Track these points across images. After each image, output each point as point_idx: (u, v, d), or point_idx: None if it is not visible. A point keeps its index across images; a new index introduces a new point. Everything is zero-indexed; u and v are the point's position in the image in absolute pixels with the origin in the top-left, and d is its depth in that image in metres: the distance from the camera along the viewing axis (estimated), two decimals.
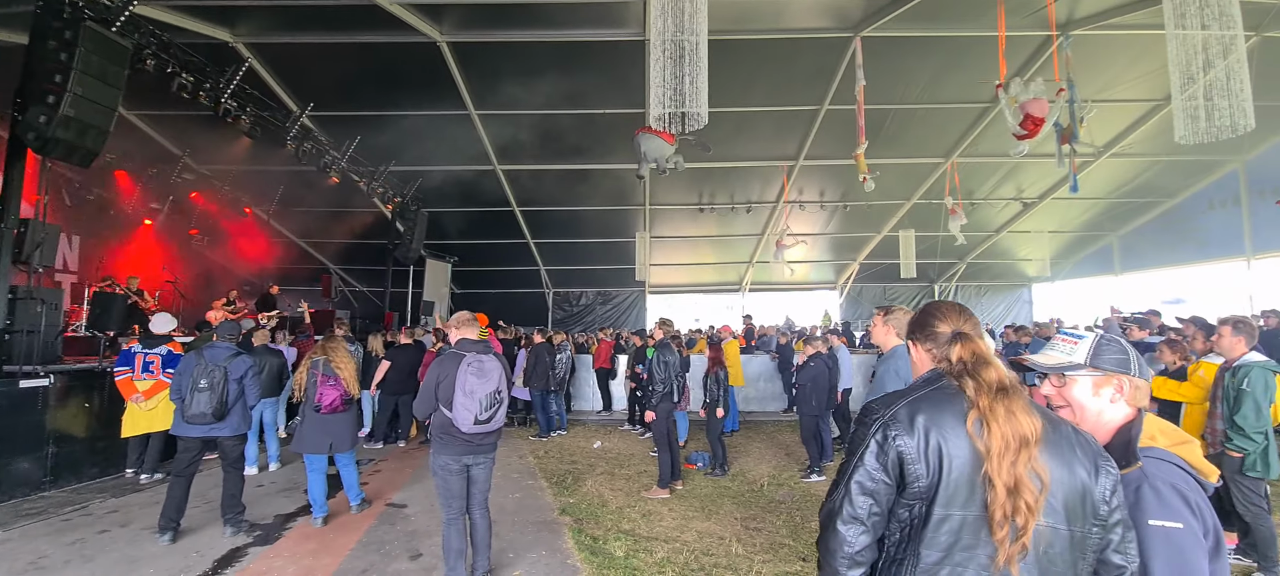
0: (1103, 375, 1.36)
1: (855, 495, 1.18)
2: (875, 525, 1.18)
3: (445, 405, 3.24)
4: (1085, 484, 1.13)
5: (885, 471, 1.17)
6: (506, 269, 15.68)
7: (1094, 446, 1.19)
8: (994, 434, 1.10)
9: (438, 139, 10.31)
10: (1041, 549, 1.10)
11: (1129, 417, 1.36)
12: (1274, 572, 3.48)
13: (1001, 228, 14.18)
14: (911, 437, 1.16)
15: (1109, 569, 1.16)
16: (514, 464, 6.62)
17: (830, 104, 9.47)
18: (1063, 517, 1.12)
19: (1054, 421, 1.20)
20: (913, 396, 1.22)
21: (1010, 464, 1.08)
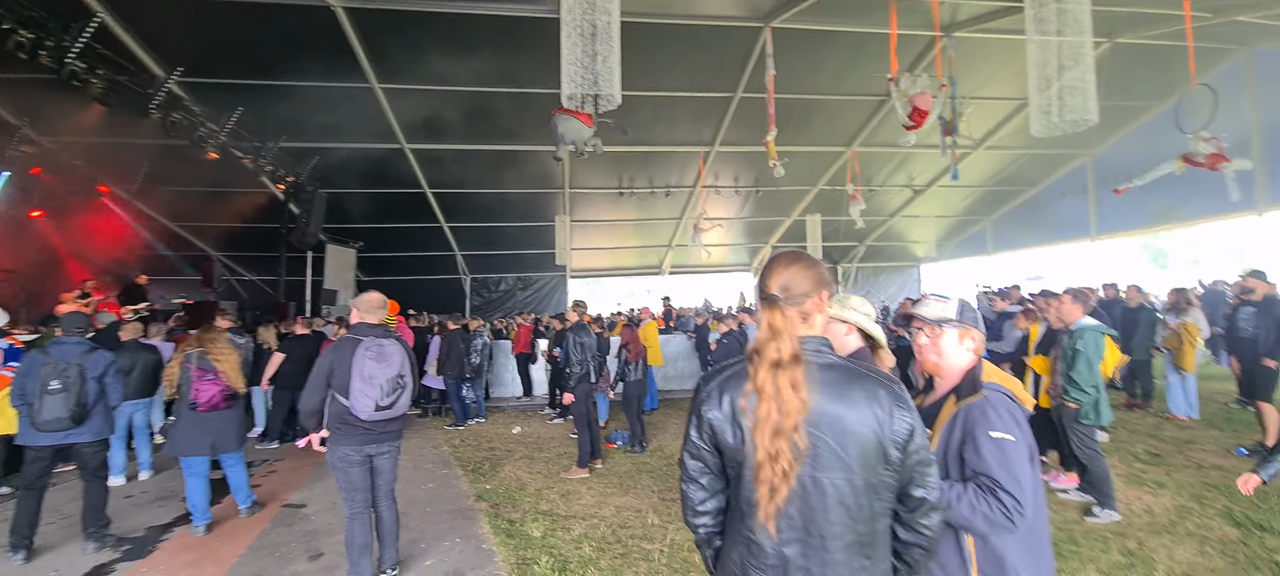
0: (964, 328, 1.74)
1: (687, 461, 1.35)
2: (709, 483, 1.35)
3: (341, 393, 3.05)
4: (878, 433, 1.22)
5: (703, 439, 1.32)
6: (419, 254, 14.93)
7: (895, 397, 1.26)
8: (760, 407, 1.22)
9: (337, 114, 9.55)
10: (827, 496, 1.21)
11: (974, 361, 1.72)
12: (1109, 506, 4.08)
13: (895, 212, 15.38)
14: (719, 409, 1.29)
15: (911, 500, 1.28)
16: (428, 454, 6.38)
17: (743, 91, 9.78)
18: (855, 469, 1.22)
19: (853, 382, 1.27)
20: (727, 371, 1.34)
21: (770, 435, 1.20)
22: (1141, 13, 8.24)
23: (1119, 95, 10.10)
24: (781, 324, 1.28)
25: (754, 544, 1.26)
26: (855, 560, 1.24)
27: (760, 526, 1.24)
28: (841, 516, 1.22)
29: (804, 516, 1.23)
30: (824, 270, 1.39)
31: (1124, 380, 7.39)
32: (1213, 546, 3.55)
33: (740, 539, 1.30)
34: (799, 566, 1.23)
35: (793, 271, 1.34)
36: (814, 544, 1.23)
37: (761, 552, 1.26)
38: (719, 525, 1.39)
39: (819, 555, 1.23)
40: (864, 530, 1.24)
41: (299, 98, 9.05)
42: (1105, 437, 5.69)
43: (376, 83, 8.76)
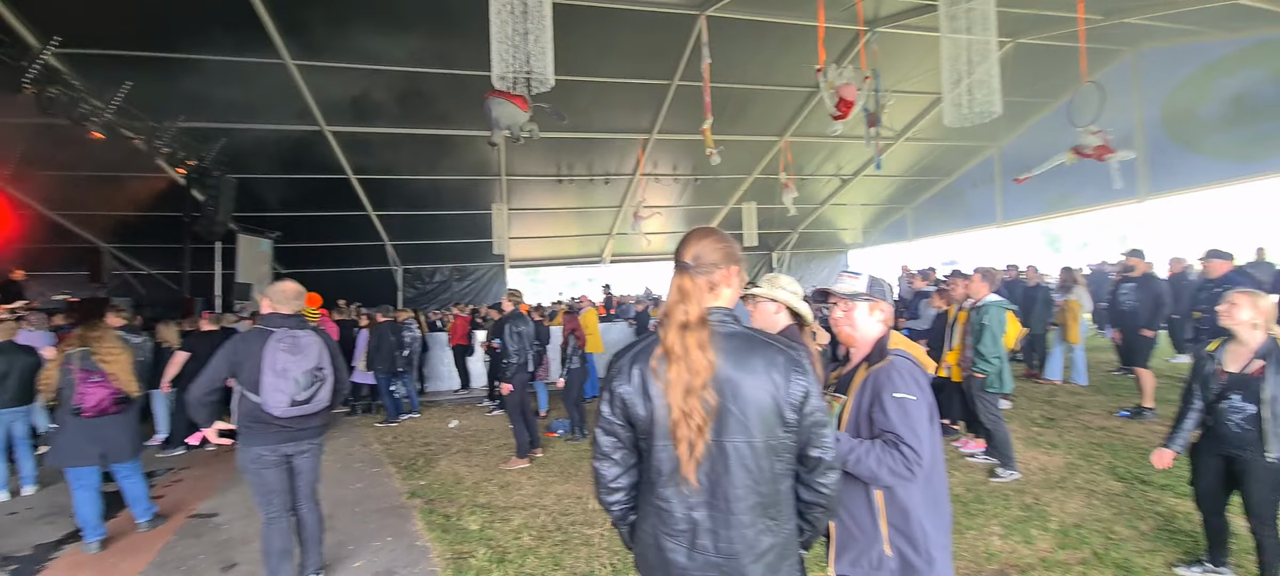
0: (873, 300, 1.86)
1: (600, 437, 1.39)
2: (622, 459, 1.38)
3: (251, 389, 2.83)
4: (775, 397, 1.27)
5: (616, 414, 1.35)
6: (345, 245, 14.12)
7: (792, 362, 1.31)
8: (672, 368, 1.26)
9: (246, 91, 8.81)
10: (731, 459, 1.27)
11: (883, 331, 1.86)
12: (1010, 466, 4.45)
13: (825, 200, 16.05)
14: (629, 383, 1.33)
15: (810, 461, 1.34)
16: (356, 453, 6.08)
17: (680, 79, 9.84)
18: (755, 432, 1.27)
19: (754, 348, 1.31)
20: (637, 347, 1.38)
21: (682, 393, 1.25)
22: (1041, 15, 8.95)
23: (1021, 92, 10.95)
24: (691, 288, 1.34)
25: (665, 511, 1.31)
26: (759, 521, 1.30)
27: (672, 492, 1.29)
28: (744, 479, 1.28)
29: (711, 480, 1.28)
30: (734, 246, 1.45)
31: (1023, 352, 8.08)
32: (1099, 498, 3.96)
33: (651, 509, 1.34)
34: (707, 529, 1.28)
35: (705, 244, 1.40)
36: (720, 507, 1.28)
37: (671, 518, 1.30)
38: (632, 501, 1.43)
39: (725, 517, 1.28)
40: (766, 491, 1.30)
41: (201, 73, 8.28)
42: (1008, 405, 6.22)
43: (289, 59, 8.15)
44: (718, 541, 1.28)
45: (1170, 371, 7.70)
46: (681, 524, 1.30)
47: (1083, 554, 3.24)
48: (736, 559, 1.28)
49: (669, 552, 1.31)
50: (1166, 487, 3.97)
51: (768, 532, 1.31)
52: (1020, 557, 3.24)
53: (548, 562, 3.46)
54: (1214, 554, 2.93)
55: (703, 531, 1.29)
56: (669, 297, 1.35)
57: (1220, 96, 10.34)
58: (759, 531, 1.30)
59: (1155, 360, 6.24)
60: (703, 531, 1.29)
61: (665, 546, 1.32)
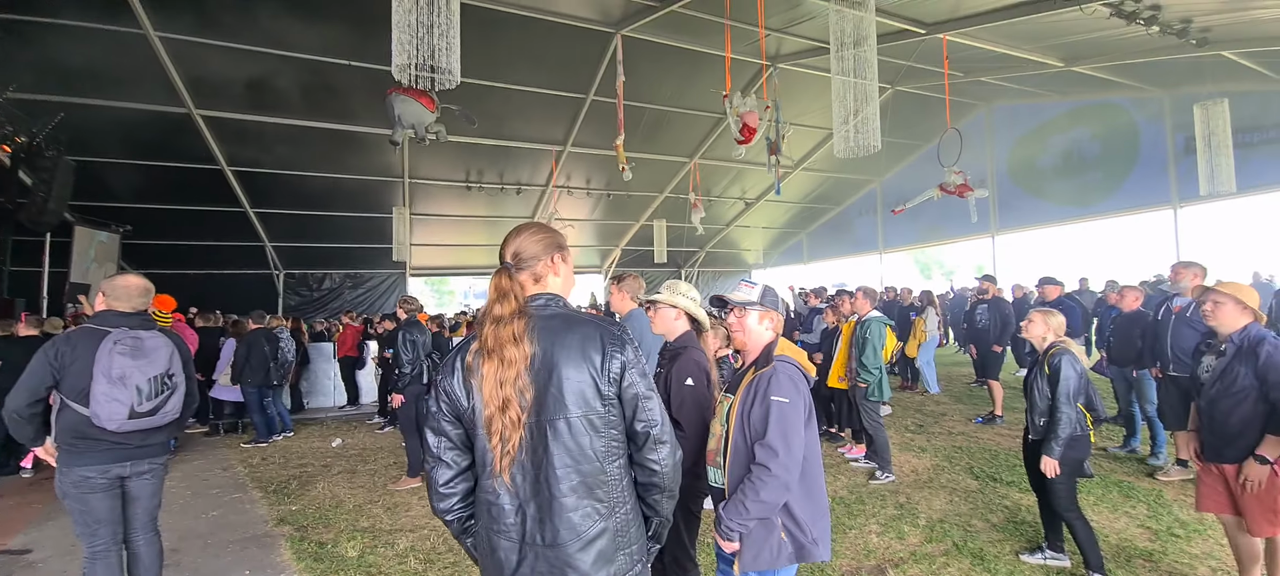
0: (764, 310, 1.99)
1: (429, 438, 1.34)
2: (453, 459, 1.33)
3: (75, 398, 2.39)
4: (593, 374, 1.29)
5: (443, 410, 1.32)
6: (214, 245, 12.61)
7: (611, 337, 1.33)
8: (487, 363, 1.26)
9: (95, 63, 7.68)
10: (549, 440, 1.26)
11: (772, 338, 1.98)
12: (887, 470, 4.83)
13: (731, 222, 16.85)
14: (452, 376, 1.32)
15: (637, 437, 1.35)
16: (214, 477, 5.37)
17: (595, 94, 9.92)
18: (572, 409, 1.27)
19: (573, 328, 1.33)
20: (463, 344, 1.37)
21: (495, 386, 1.24)
22: (915, 67, 10.08)
23: (899, 133, 12.24)
24: (507, 286, 1.33)
25: (495, 507, 1.28)
26: (584, 504, 1.27)
27: (499, 483, 1.27)
28: (563, 458, 1.27)
29: (533, 465, 1.27)
30: (558, 236, 1.46)
31: (898, 366, 8.90)
32: (959, 495, 4.41)
33: (483, 509, 1.32)
34: (535, 519, 1.27)
35: (523, 238, 1.41)
36: (543, 492, 1.27)
37: (502, 514, 1.28)
38: (469, 509, 1.37)
39: (550, 504, 1.26)
40: (588, 469, 1.28)
41: (37, 35, 7.10)
42: (888, 411, 6.80)
43: (151, 29, 7.22)
44: (544, 530, 1.26)
45: (1015, 383, 8.84)
46: (511, 517, 1.27)
47: (945, 546, 3.57)
48: (563, 547, 1.25)
49: (502, 552, 1.28)
50: (1012, 485, 4.51)
51: (595, 517, 1.28)
52: (894, 552, 3.51)
53: None
54: (1051, 540, 3.35)
55: (531, 522, 1.27)
56: (488, 298, 1.34)
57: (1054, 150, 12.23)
58: (584, 515, 1.27)
59: (1003, 373, 7.11)
60: (531, 522, 1.27)
61: (498, 546, 1.28)
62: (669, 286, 2.61)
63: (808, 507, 1.83)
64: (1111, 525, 3.76)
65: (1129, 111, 11.12)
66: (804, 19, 8.51)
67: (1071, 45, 9.03)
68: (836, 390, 5.66)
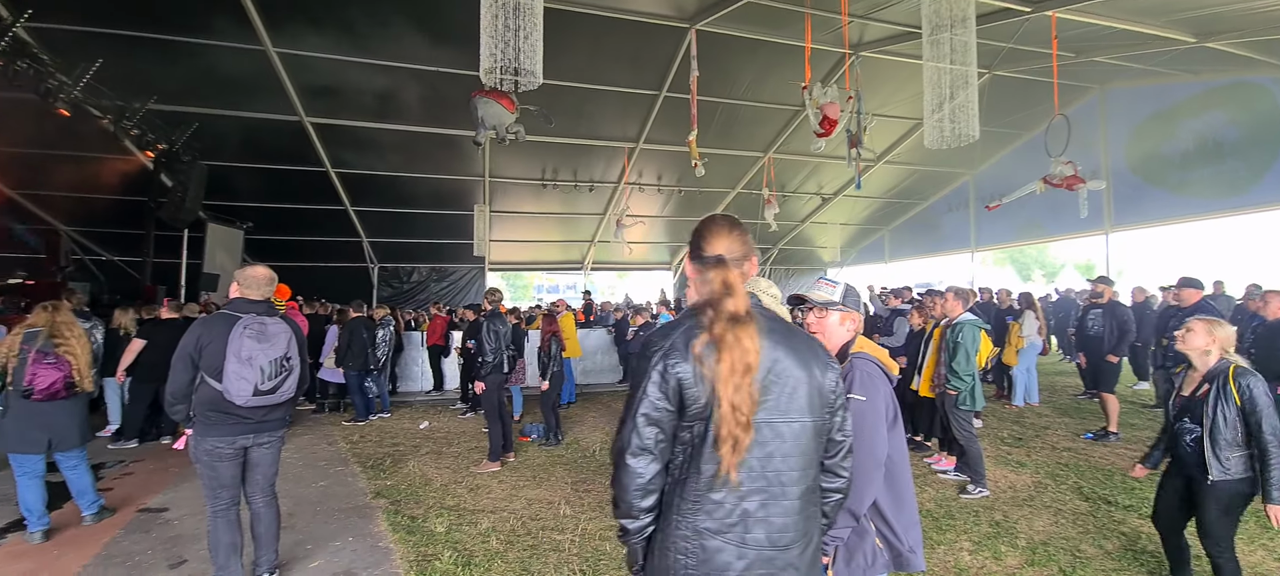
0: (846, 310, 1.96)
1: (642, 427, 1.24)
2: (662, 452, 1.26)
3: (212, 376, 2.70)
4: (819, 381, 1.32)
5: (667, 398, 1.23)
6: (320, 240, 13.78)
7: (823, 351, 1.40)
8: (723, 359, 1.21)
9: (223, 77, 8.58)
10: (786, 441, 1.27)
11: (850, 337, 1.96)
12: (981, 484, 4.50)
13: (805, 218, 16.27)
14: (687, 363, 1.23)
15: (834, 445, 1.39)
16: (321, 451, 5.88)
17: (668, 90, 9.91)
18: (809, 412, 1.30)
19: (793, 334, 1.37)
20: (687, 324, 1.30)
21: (733, 386, 1.20)
22: (1017, 49, 9.26)
23: (996, 121, 11.30)
24: (736, 281, 1.29)
25: (715, 506, 1.22)
26: (809, 508, 1.30)
27: (720, 482, 1.22)
28: (798, 461, 1.27)
29: (763, 465, 1.24)
30: (751, 239, 1.46)
31: (993, 373, 8.24)
32: (1066, 517, 4.03)
33: (690, 505, 1.24)
34: (758, 518, 1.23)
35: (731, 237, 1.39)
36: (773, 492, 1.24)
37: (719, 511, 1.22)
38: (656, 514, 1.29)
39: (778, 503, 1.24)
40: (812, 475, 1.32)
41: (177, 54, 8.05)
42: (980, 424, 6.32)
43: (270, 45, 7.97)
44: (771, 530, 1.24)
45: (1132, 397, 7.94)
46: (731, 516, 1.22)
47: (1050, 570, 3.28)
48: (790, 549, 1.25)
49: (716, 552, 1.22)
50: (1130, 509, 4.06)
51: (812, 522, 1.31)
52: (989, 572, 3.26)
53: (515, 567, 3.36)
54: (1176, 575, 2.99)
55: (754, 521, 1.23)
56: (711, 288, 1.28)
57: (1182, 136, 10.81)
58: (808, 518, 1.29)
59: (1119, 386, 6.41)
60: (754, 521, 1.23)
61: (710, 546, 1.22)
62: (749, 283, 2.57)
63: (898, 514, 1.78)
64: (1247, 558, 3.30)
65: (1272, 93, 9.63)
66: (891, 3, 8.04)
67: (1204, 19, 7.94)
68: (921, 397, 5.33)
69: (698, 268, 1.39)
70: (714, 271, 1.30)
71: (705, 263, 1.35)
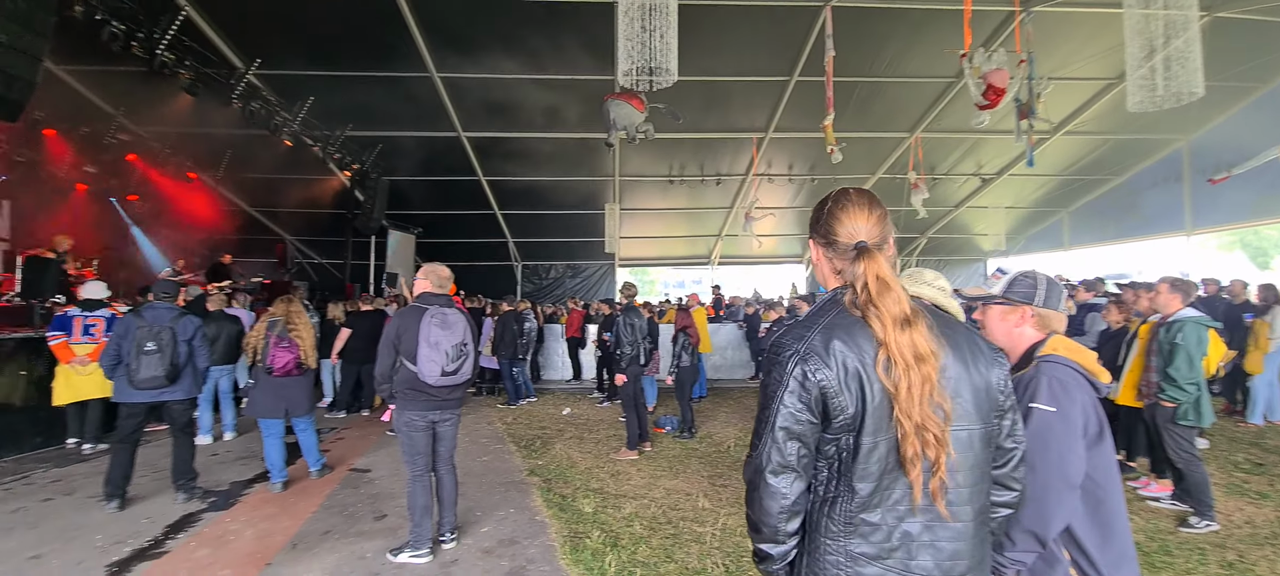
0: (1009, 305, 1.66)
1: (783, 442, 1.09)
2: (805, 469, 1.11)
3: (409, 359, 3.16)
4: (987, 380, 1.15)
5: (809, 410, 1.08)
6: (474, 241, 15.36)
7: (986, 343, 1.21)
8: (900, 373, 1.05)
9: (399, 102, 9.91)
10: (954, 455, 1.09)
11: (1036, 339, 1.63)
12: (1209, 517, 3.70)
13: (961, 203, 14.58)
14: (830, 368, 1.07)
15: (1003, 453, 1.20)
16: (482, 429, 6.56)
17: (800, 75, 9.48)
18: (976, 417, 1.12)
19: (952, 326, 1.18)
20: (823, 322, 1.14)
21: (919, 403, 1.04)
22: None
23: (1218, 75, 9.15)
24: (890, 274, 1.11)
25: (865, 525, 1.08)
26: (983, 531, 1.14)
27: (885, 506, 1.07)
28: (969, 477, 1.11)
29: (963, 474, 1.09)
30: (887, 213, 1.24)
31: (1224, 383, 6.72)
32: None
33: (839, 527, 1.09)
34: (923, 543, 1.08)
35: (872, 217, 1.19)
36: (949, 516, 1.09)
37: (875, 532, 1.08)
38: (801, 537, 1.16)
39: (947, 525, 1.08)
40: (985, 491, 1.16)
41: (364, 87, 9.45)
42: (1205, 444, 5.21)
43: (435, 71, 9.02)
44: (939, 557, 1.08)
45: None
46: (890, 540, 1.07)
47: None
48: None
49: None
50: None
51: (982, 544, 1.14)
52: None
53: (659, 553, 3.47)
54: None
55: (920, 547, 1.07)
56: (866, 286, 1.11)
57: None
58: (983, 541, 1.13)
59: None
60: (920, 547, 1.07)
61: (867, 574, 1.08)
62: (911, 275, 2.35)
63: (1105, 549, 1.50)
64: None
65: None
66: None
67: None
68: (1124, 408, 4.51)
69: (831, 256, 1.23)
70: (860, 264, 1.13)
71: (840, 250, 1.19)
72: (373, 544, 3.53)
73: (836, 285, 1.23)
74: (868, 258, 1.13)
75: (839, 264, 1.21)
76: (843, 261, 1.20)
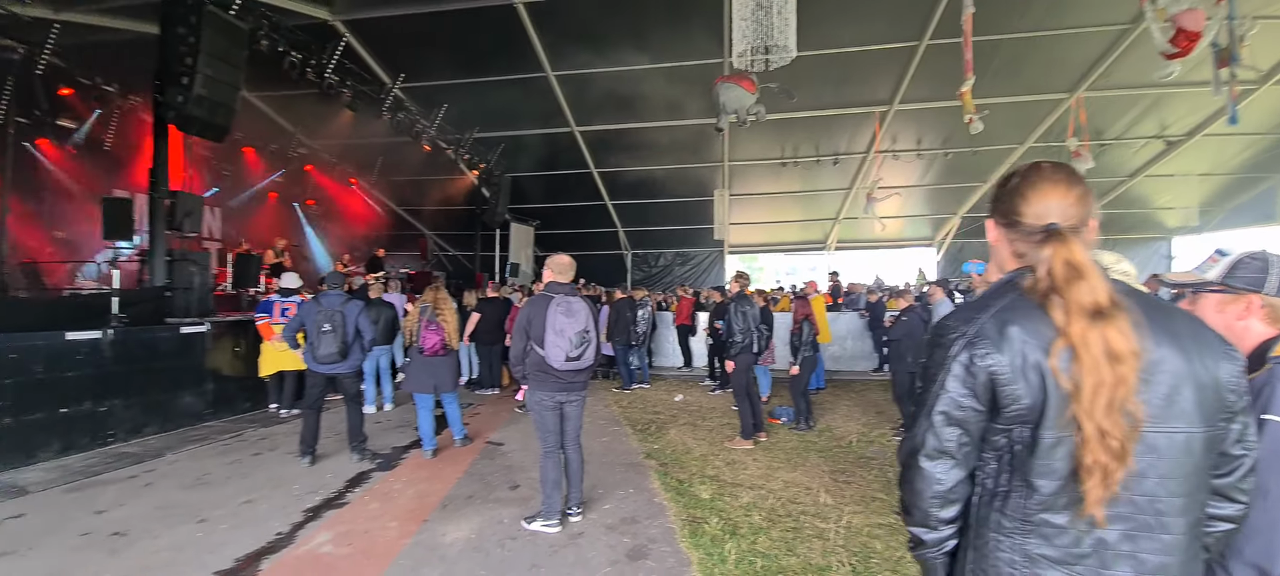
0: (1230, 294, 1.36)
1: (940, 427, 1.04)
2: (966, 457, 1.05)
3: (537, 344, 3.38)
4: (1215, 376, 0.99)
5: (974, 396, 1.01)
6: (586, 231, 16.00)
7: (1214, 335, 1.03)
8: (1086, 370, 0.93)
9: (518, 103, 10.56)
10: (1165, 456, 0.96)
11: (1267, 335, 1.33)
12: None
13: (1137, 172, 12.44)
14: (1003, 353, 0.99)
15: (1229, 460, 1.03)
16: (599, 411, 6.85)
17: (931, 38, 8.63)
18: (1198, 419, 0.96)
19: (1170, 314, 1.04)
20: (997, 305, 1.04)
21: (1103, 407, 0.92)
22: None
23: None
24: (1084, 260, 0.99)
25: (1048, 526, 0.98)
26: (1196, 546, 1.00)
27: (1071, 511, 0.98)
28: (1182, 486, 0.97)
29: (1130, 486, 0.96)
30: (1092, 194, 1.10)
31: None
32: None
33: (1016, 525, 1.01)
34: (1122, 553, 0.96)
35: (1069, 196, 1.06)
36: (1145, 522, 0.96)
37: (1061, 536, 0.98)
38: (959, 528, 1.09)
39: (1153, 537, 0.96)
40: (1202, 501, 1.00)
41: (488, 91, 10.18)
42: None
43: (550, 70, 9.46)
44: (1142, 569, 0.96)
45: None
46: (1080, 546, 0.97)
47: None
48: None
49: None
50: None
51: (1198, 558, 1.02)
52: None
53: (780, 546, 3.40)
54: None
55: (1118, 558, 0.96)
56: (1052, 272, 1.01)
57: None
58: (1192, 556, 1.00)
59: None
60: (1118, 558, 0.96)
61: None
62: None
63: None
64: None
65: None
66: None
67: None
68: None
69: (1013, 237, 1.11)
70: (1050, 248, 1.02)
71: (1024, 232, 1.07)
72: (508, 511, 3.85)
73: (1013, 268, 1.12)
74: (1058, 241, 1.02)
75: (1021, 247, 1.10)
76: (1027, 244, 1.08)
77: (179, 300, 6.36)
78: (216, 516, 3.79)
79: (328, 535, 3.52)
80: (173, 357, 5.90)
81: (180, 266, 6.48)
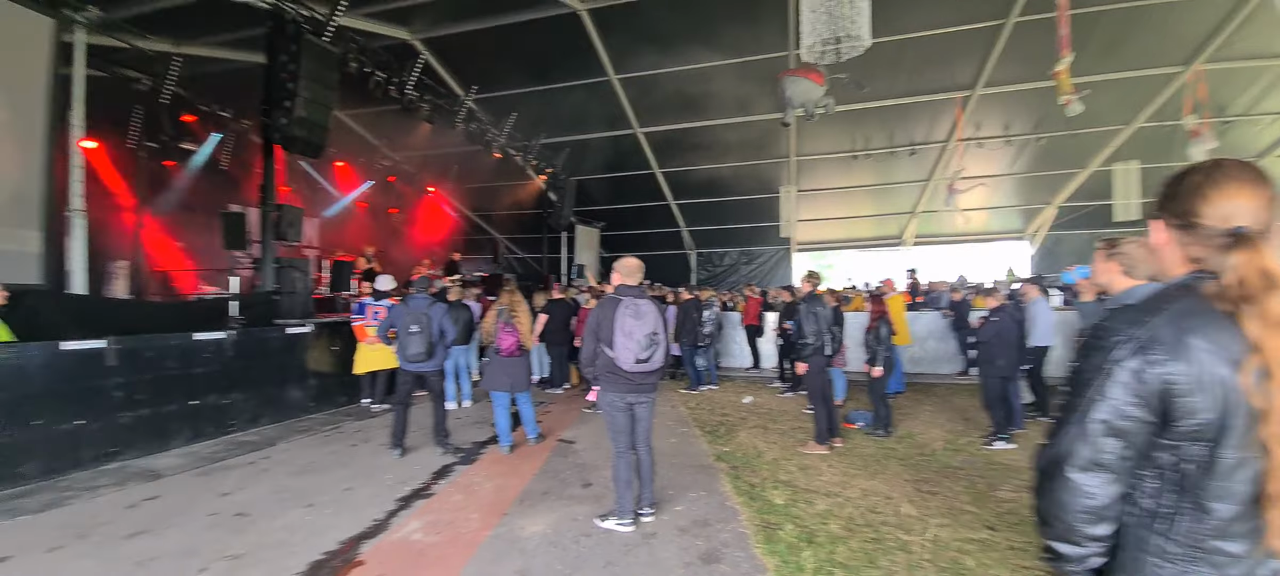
0: None
1: (1098, 436, 0.97)
2: (1124, 471, 0.98)
3: (607, 345, 3.44)
4: None
5: (1144, 405, 0.94)
6: (650, 231, 16.09)
7: None
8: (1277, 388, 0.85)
9: (583, 108, 10.79)
10: None
11: None
12: None
13: (1267, 150, 10.97)
14: (1181, 362, 0.91)
15: None
16: (667, 412, 6.87)
17: (1019, 15, 8.02)
18: None
19: None
20: (1172, 309, 0.96)
21: None
22: None
23: None
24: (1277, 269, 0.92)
25: (1222, 554, 0.93)
26: None
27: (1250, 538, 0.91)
28: None
29: None
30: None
31: None
32: None
33: (1182, 552, 0.95)
34: None
35: (1258, 196, 0.97)
36: None
37: (1235, 565, 0.92)
38: (1107, 547, 1.02)
39: None
40: None
41: (554, 98, 10.47)
42: None
43: (613, 74, 9.59)
44: None
45: None
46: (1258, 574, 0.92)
47: None
48: None
49: None
50: None
51: None
52: None
53: (860, 557, 3.27)
54: None
55: None
56: (1244, 279, 0.93)
57: None
58: None
59: None
60: None
61: None
62: None
63: None
64: None
65: None
66: None
67: None
68: None
69: (1189, 240, 1.03)
70: (1239, 254, 0.94)
71: (1203, 235, 0.99)
72: (582, 508, 3.94)
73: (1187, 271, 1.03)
74: (1249, 247, 0.94)
75: (1198, 251, 1.02)
76: (1205, 249, 1.00)
77: (285, 303, 6.99)
78: (322, 502, 4.13)
79: (418, 523, 3.76)
80: (281, 355, 6.50)
81: (285, 272, 7.12)
